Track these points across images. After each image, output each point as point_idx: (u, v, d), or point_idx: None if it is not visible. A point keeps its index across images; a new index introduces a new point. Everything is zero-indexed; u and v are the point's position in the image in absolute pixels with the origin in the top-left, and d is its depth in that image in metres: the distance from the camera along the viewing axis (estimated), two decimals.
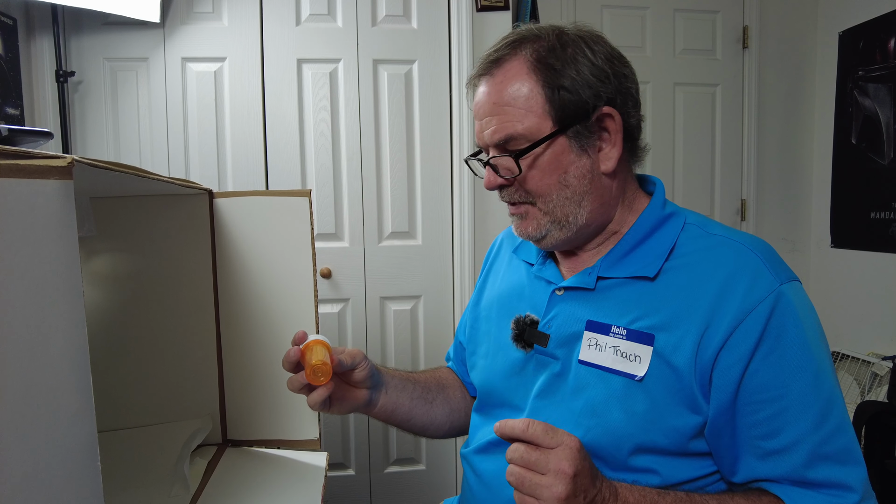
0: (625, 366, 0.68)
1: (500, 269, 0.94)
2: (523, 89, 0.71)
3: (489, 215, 1.96)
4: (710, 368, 0.65)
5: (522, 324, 0.79)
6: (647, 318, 0.69)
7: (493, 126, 0.73)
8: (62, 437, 0.43)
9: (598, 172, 0.73)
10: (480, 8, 1.94)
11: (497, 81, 0.73)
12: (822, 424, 0.62)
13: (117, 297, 1.03)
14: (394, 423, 0.89)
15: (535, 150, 0.71)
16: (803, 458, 0.62)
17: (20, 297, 0.38)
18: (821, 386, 0.63)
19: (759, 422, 0.64)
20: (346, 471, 2.04)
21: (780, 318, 0.63)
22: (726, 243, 0.70)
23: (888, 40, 2.02)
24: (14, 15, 1.72)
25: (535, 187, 0.73)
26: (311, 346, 0.74)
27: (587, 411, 0.70)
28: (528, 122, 0.71)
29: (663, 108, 2.26)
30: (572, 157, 0.72)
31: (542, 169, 0.72)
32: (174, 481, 0.88)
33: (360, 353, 0.80)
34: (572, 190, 0.73)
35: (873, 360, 2.01)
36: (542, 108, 0.71)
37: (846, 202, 2.22)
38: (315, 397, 0.75)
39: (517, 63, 0.72)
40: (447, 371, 1.02)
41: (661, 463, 0.67)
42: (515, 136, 0.72)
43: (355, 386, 0.81)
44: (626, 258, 0.74)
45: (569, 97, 0.70)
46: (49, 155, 0.43)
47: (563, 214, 0.73)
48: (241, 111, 1.93)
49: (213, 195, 1.02)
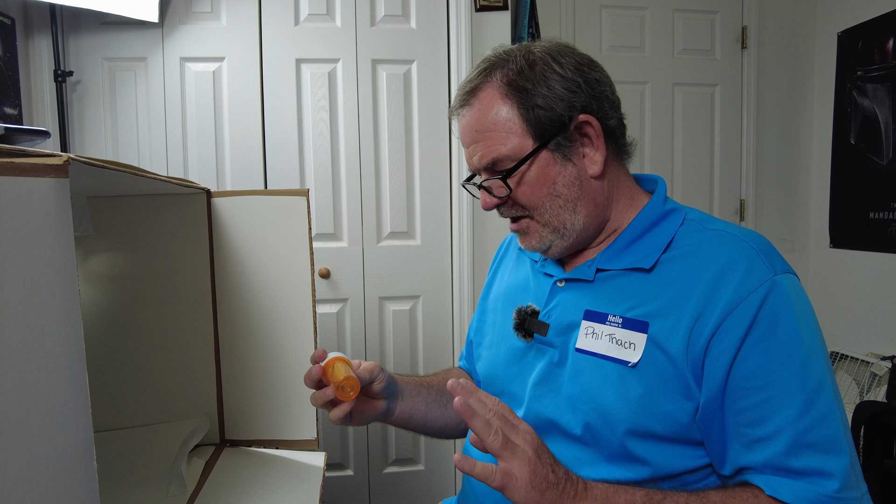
0: (619, 352, 0.70)
1: (508, 264, 0.97)
2: (501, 114, 0.75)
3: (488, 216, 1.96)
4: (703, 355, 0.66)
5: (524, 313, 0.82)
6: (642, 306, 0.71)
7: (480, 152, 0.77)
8: (58, 436, 0.43)
9: (586, 178, 0.76)
10: (479, 8, 1.94)
11: (476, 111, 0.77)
12: (807, 413, 0.63)
13: (115, 296, 1.03)
14: (411, 428, 0.91)
15: (520, 168, 0.75)
16: (785, 446, 0.63)
17: (15, 295, 0.38)
18: (808, 375, 0.63)
19: (745, 409, 0.65)
20: (344, 471, 2.04)
21: (772, 307, 0.64)
22: (723, 236, 0.71)
23: (887, 41, 2.03)
24: (12, 14, 1.72)
25: (528, 202, 0.77)
26: (332, 364, 0.77)
27: (583, 397, 0.72)
28: (510, 143, 0.74)
29: (662, 108, 2.26)
30: (557, 168, 0.75)
31: (531, 184, 0.75)
32: (171, 481, 0.88)
33: (377, 365, 0.82)
34: (564, 199, 0.76)
35: (872, 360, 2.01)
36: (520, 128, 0.74)
37: (845, 202, 2.22)
38: (338, 413, 0.77)
39: (490, 90, 0.76)
40: (458, 371, 1.04)
41: (655, 452, 0.68)
42: (501, 158, 0.75)
43: (373, 398, 0.84)
44: (625, 251, 0.76)
45: (544, 114, 0.74)
46: (45, 153, 0.43)
47: (560, 223, 0.76)
48: (240, 111, 1.93)
49: (211, 194, 1.02)
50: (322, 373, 0.77)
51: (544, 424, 0.76)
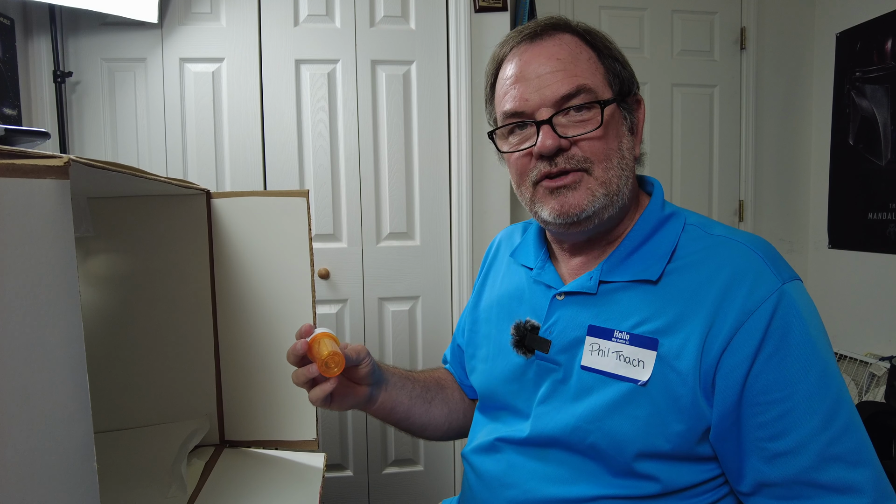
0: (628, 370, 0.67)
1: (499, 270, 0.92)
2: (584, 54, 0.70)
3: (487, 215, 1.97)
4: (713, 371, 0.63)
5: (523, 329, 0.78)
6: (650, 322, 0.68)
7: (560, 79, 0.68)
8: (58, 437, 0.43)
9: (633, 155, 0.73)
10: (478, 9, 1.94)
11: (554, 43, 0.71)
12: (830, 424, 0.60)
13: (115, 297, 1.03)
14: (391, 421, 0.88)
15: (610, 105, 0.69)
16: (812, 460, 0.60)
17: (16, 296, 0.38)
18: (828, 385, 0.61)
19: (764, 423, 0.62)
20: (344, 472, 2.04)
21: (783, 319, 0.62)
22: (727, 243, 0.69)
23: (885, 42, 2.03)
24: (11, 15, 1.72)
25: (602, 148, 0.69)
26: (319, 339, 0.72)
27: (590, 416, 0.69)
28: (596, 80, 0.69)
29: (661, 108, 2.26)
30: (624, 129, 0.72)
31: (611, 130, 0.70)
32: (171, 482, 0.88)
33: (364, 348, 0.78)
34: (626, 161, 0.71)
35: (871, 361, 2.01)
36: (602, 74, 0.70)
37: (844, 203, 2.22)
38: (318, 392, 0.72)
39: (568, 34, 0.71)
40: (445, 372, 1.02)
41: (664, 469, 0.66)
42: (588, 89, 0.68)
43: (357, 382, 0.80)
44: (628, 261, 0.73)
45: (621, 70, 0.71)
46: (45, 154, 0.43)
47: (617, 186, 0.70)
48: (239, 112, 1.93)
49: (211, 195, 1.02)
50: (307, 349, 0.72)
51: (547, 440, 0.73)
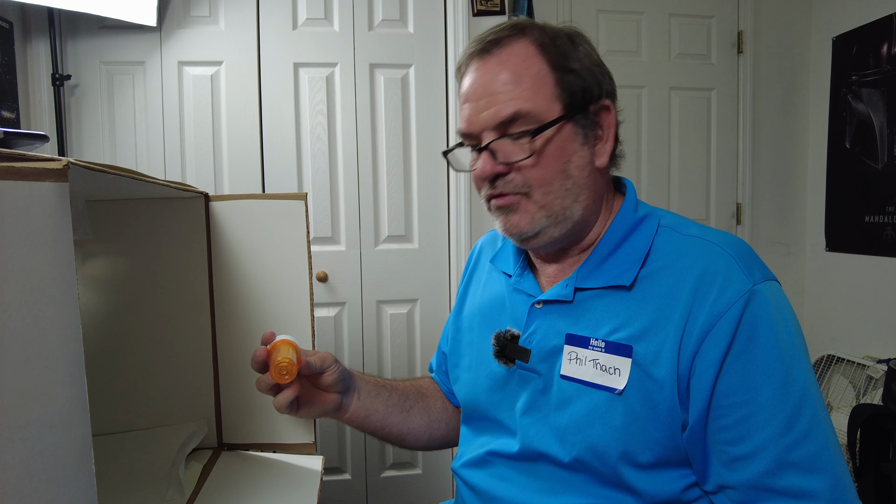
0: (605, 379, 0.66)
1: (480, 277, 0.91)
2: (532, 68, 0.67)
3: (485, 218, 1.97)
4: (688, 376, 0.63)
5: (503, 339, 0.77)
6: (624, 328, 0.67)
7: (498, 105, 0.67)
8: (56, 440, 0.43)
9: (593, 167, 0.71)
10: (476, 12, 1.95)
11: (501, 59, 0.68)
12: (789, 431, 0.60)
13: (113, 300, 1.03)
14: (368, 430, 0.88)
15: (545, 131, 0.66)
16: (767, 465, 0.60)
17: (14, 299, 0.38)
18: (790, 390, 0.60)
19: (726, 426, 0.62)
20: (342, 475, 2.04)
21: (751, 320, 0.61)
22: (699, 244, 0.68)
23: (881, 45, 2.04)
24: (10, 18, 1.72)
25: (538, 175, 0.68)
26: (277, 346, 0.74)
27: (572, 427, 0.68)
28: (537, 101, 0.67)
29: (658, 112, 2.27)
30: (576, 146, 0.69)
31: (550, 155, 0.67)
32: (169, 485, 0.87)
33: (331, 356, 0.79)
34: (573, 181, 0.69)
35: (868, 364, 2.01)
36: (551, 89, 0.67)
37: (841, 206, 2.23)
38: (281, 399, 0.74)
39: (522, 44, 0.69)
40: (429, 381, 1.01)
41: (644, 479, 0.66)
42: (524, 115, 0.66)
43: (325, 390, 0.81)
44: (602, 266, 0.71)
45: (576, 81, 0.68)
46: (44, 157, 0.43)
47: (560, 208, 0.69)
48: (238, 115, 1.93)
49: (210, 198, 1.02)
50: (267, 355, 0.73)
51: (534, 455, 0.72)
